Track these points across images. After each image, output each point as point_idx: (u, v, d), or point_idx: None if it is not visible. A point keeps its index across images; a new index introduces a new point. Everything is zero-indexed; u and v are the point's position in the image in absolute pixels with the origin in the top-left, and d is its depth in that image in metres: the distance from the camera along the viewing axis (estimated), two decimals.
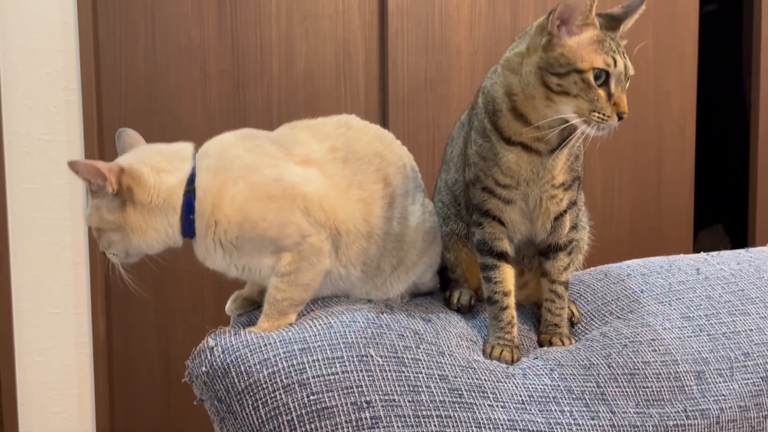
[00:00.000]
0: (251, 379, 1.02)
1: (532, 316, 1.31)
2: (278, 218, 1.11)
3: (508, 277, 1.20)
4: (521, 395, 1.09)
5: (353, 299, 1.22)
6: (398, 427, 0.99)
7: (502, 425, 1.04)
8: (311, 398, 1.00)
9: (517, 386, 1.10)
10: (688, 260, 1.42)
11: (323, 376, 1.02)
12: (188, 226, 1.12)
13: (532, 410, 1.07)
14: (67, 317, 2.21)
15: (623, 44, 1.10)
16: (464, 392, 1.06)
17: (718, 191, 2.87)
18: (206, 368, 1.06)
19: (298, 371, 1.02)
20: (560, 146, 1.12)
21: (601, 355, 1.17)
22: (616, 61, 1.06)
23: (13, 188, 2.15)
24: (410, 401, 1.02)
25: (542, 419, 1.07)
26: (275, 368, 1.02)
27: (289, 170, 1.13)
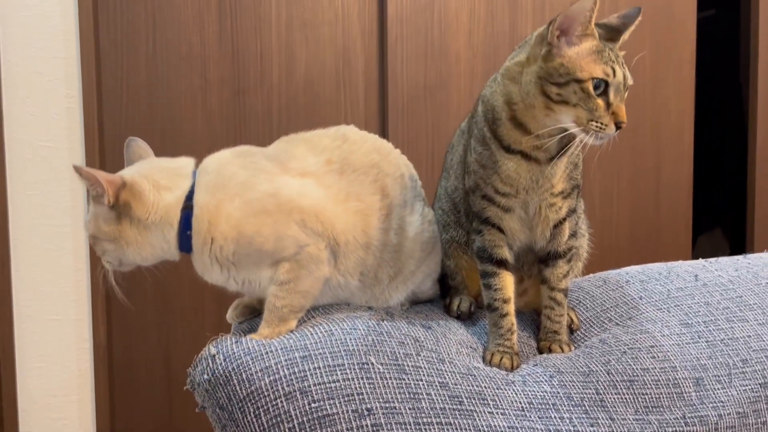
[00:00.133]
0: (253, 386, 1.03)
1: (531, 323, 1.31)
2: (274, 232, 1.11)
3: (507, 284, 1.21)
4: (521, 402, 1.09)
5: (354, 306, 1.22)
6: None
7: None
8: (312, 406, 1.00)
9: (516, 393, 1.10)
10: (686, 267, 1.42)
11: (324, 383, 1.02)
12: (185, 241, 1.13)
13: (531, 417, 1.08)
14: (67, 323, 2.21)
15: (622, 55, 1.11)
16: (464, 399, 1.06)
17: (716, 195, 2.87)
18: (208, 376, 1.06)
19: (299, 379, 1.03)
20: (559, 155, 1.13)
21: (600, 361, 1.18)
22: (615, 71, 1.07)
23: (14, 195, 2.15)
24: (411, 408, 1.03)
25: (542, 426, 1.07)
26: (277, 376, 1.03)
27: (285, 183, 1.14)
